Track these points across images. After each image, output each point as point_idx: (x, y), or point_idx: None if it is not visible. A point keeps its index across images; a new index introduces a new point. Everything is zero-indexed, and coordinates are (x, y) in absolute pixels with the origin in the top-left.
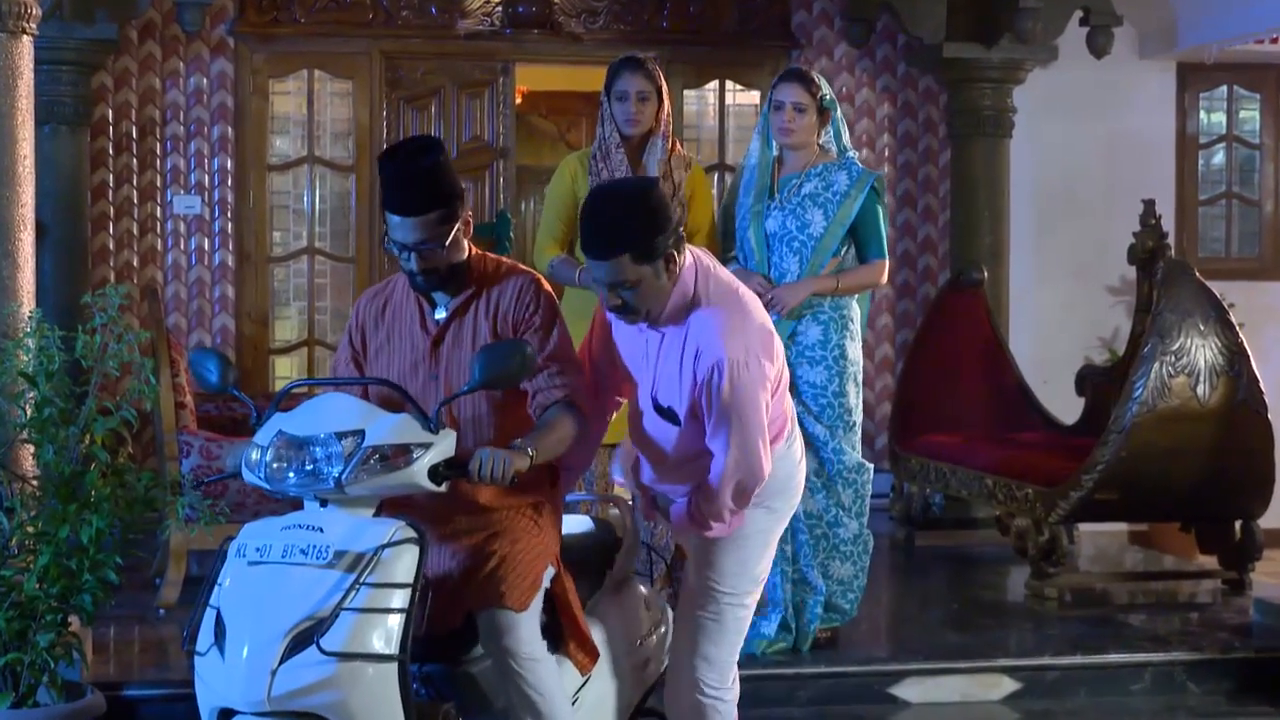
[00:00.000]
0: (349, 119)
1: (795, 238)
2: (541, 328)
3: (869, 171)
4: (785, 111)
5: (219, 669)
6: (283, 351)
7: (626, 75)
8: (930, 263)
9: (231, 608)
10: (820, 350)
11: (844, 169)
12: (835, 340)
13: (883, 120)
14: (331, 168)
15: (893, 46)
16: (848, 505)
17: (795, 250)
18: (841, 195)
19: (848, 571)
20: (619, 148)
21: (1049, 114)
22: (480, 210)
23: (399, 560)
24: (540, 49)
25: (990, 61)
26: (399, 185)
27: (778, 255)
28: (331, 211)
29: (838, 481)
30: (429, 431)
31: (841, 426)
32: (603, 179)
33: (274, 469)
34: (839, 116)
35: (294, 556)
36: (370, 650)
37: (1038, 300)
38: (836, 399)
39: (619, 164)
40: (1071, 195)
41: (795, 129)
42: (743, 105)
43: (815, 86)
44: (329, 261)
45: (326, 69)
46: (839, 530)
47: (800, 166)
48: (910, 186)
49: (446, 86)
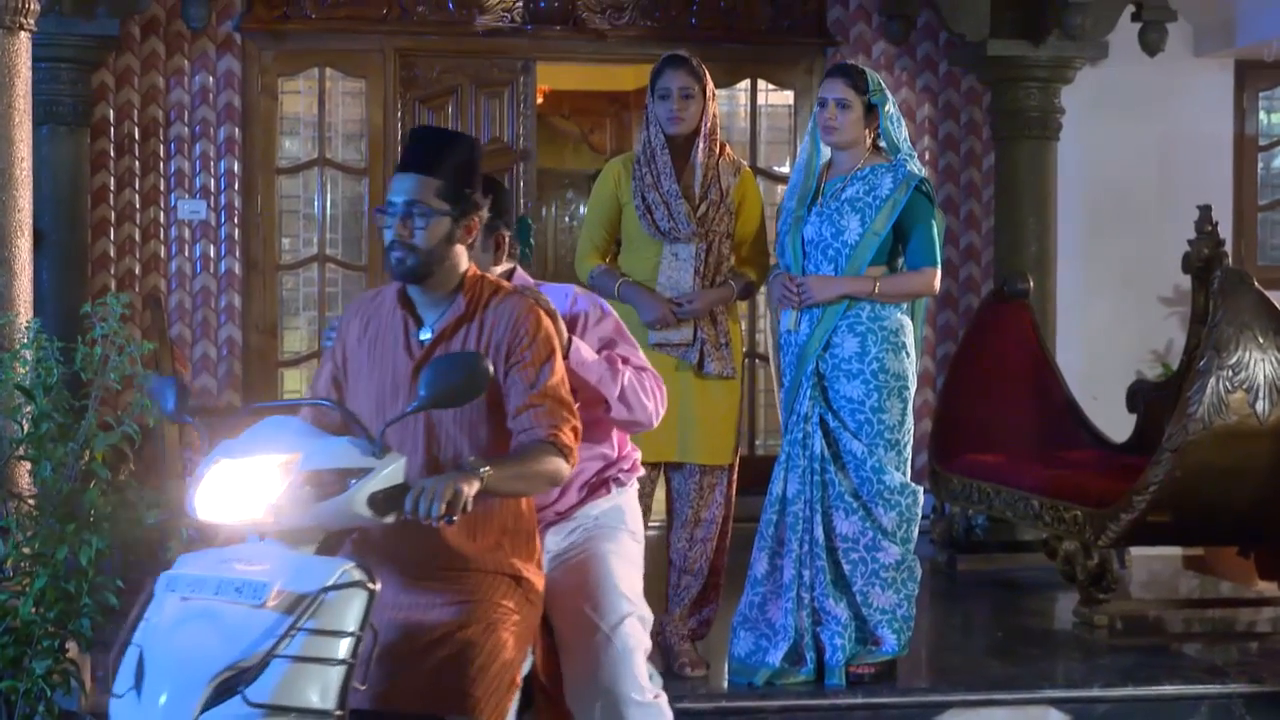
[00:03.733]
0: (361, 120)
1: (830, 245)
2: (532, 363)
3: (914, 174)
4: (828, 109)
5: (135, 714)
6: (292, 364)
7: (669, 72)
8: (973, 272)
9: (154, 647)
10: (856, 363)
11: (891, 171)
12: (874, 353)
13: (923, 122)
14: (343, 171)
15: (934, 44)
16: (889, 529)
17: (830, 259)
18: (882, 200)
19: (889, 600)
20: (664, 149)
21: (1099, 115)
22: None
23: (345, 605)
24: (562, 47)
25: (1037, 59)
26: (413, 140)
27: (813, 264)
28: (343, 217)
29: (877, 503)
30: (373, 456)
31: (882, 445)
32: (647, 183)
33: None
34: (890, 114)
35: (227, 594)
36: (304, 704)
37: (1086, 311)
38: (875, 415)
39: (664, 167)
40: (1123, 200)
41: (837, 126)
42: (775, 106)
43: (861, 81)
44: (340, 270)
45: (338, 67)
46: (879, 555)
47: (848, 169)
48: (952, 191)
49: (464, 86)
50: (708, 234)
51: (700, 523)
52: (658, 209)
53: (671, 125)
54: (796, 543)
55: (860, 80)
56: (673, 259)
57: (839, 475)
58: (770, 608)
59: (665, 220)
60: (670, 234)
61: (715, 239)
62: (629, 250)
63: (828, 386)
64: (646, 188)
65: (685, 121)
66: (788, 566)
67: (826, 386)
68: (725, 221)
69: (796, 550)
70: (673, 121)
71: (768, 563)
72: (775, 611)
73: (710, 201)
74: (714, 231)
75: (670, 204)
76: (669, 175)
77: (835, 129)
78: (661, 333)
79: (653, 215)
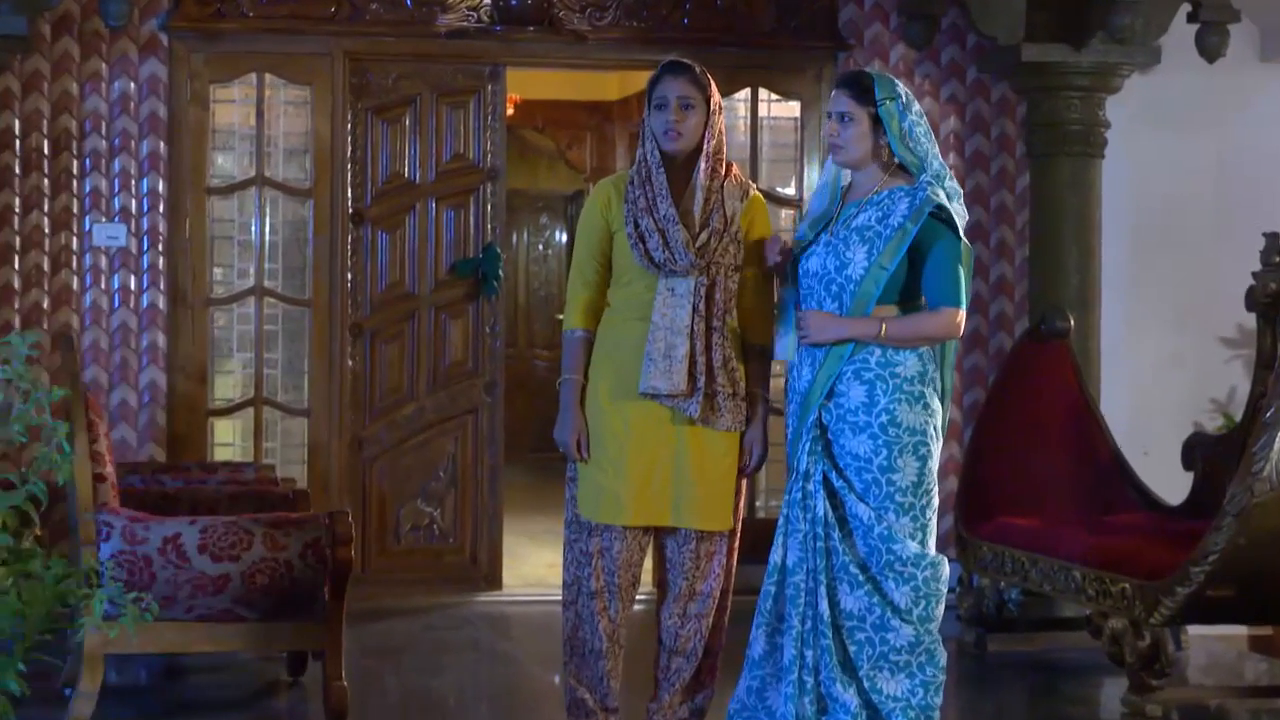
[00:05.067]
0: (306, 133)
1: (833, 279)
2: None
3: (930, 199)
4: (830, 123)
5: None
6: (224, 413)
7: (667, 79)
8: (1005, 308)
9: None
10: (864, 415)
11: (909, 196)
12: (883, 403)
13: (948, 137)
14: (285, 191)
15: (960, 48)
16: (901, 606)
17: (833, 295)
18: (893, 229)
19: (901, 687)
20: (660, 168)
21: (1150, 129)
22: (463, 244)
23: None
24: (536, 50)
25: (1079, 66)
26: None
27: (814, 299)
28: (284, 244)
29: (887, 576)
30: None
31: (893, 509)
32: (640, 208)
33: None
34: (904, 126)
35: None
36: None
37: (1136, 353)
38: (884, 474)
39: (660, 188)
40: (1177, 227)
41: (840, 144)
42: (779, 118)
43: (866, 89)
44: (281, 305)
45: (280, 73)
46: (888, 635)
47: (865, 192)
48: (981, 216)
49: (424, 94)
50: (709, 266)
51: (695, 596)
52: (651, 237)
53: (668, 140)
54: (797, 619)
55: (865, 89)
56: (669, 294)
57: (844, 543)
58: (770, 694)
59: (660, 250)
60: (665, 266)
61: (719, 272)
62: (620, 283)
63: (832, 440)
64: (640, 212)
65: (684, 136)
66: (788, 646)
67: (831, 440)
68: (731, 252)
69: (798, 628)
70: (670, 136)
71: (766, 642)
72: (775, 698)
73: (712, 229)
74: (717, 264)
75: (666, 231)
76: (665, 198)
77: (839, 147)
78: (653, 382)
79: (646, 244)
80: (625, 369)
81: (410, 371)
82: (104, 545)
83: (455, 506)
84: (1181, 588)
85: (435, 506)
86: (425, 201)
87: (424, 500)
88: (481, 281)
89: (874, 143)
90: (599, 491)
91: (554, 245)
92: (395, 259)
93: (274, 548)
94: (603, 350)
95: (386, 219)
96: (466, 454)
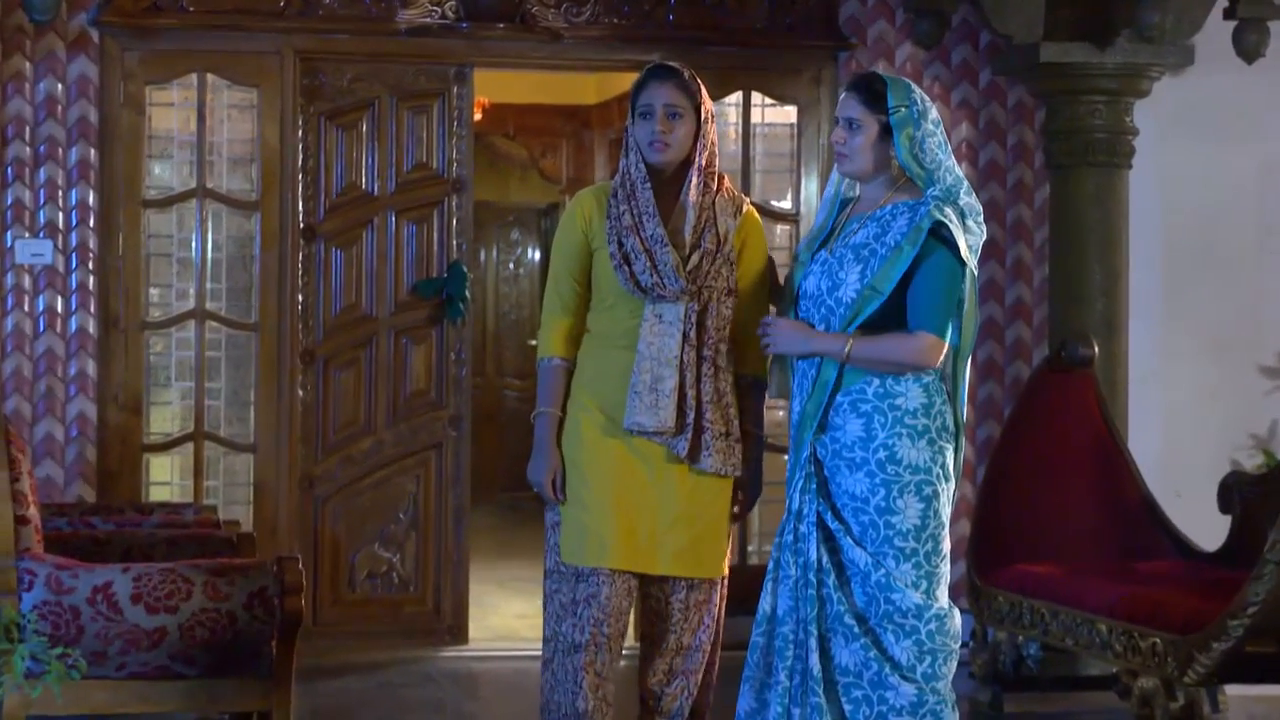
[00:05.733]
0: (252, 139)
1: (824, 300)
2: None
3: (932, 214)
4: (837, 130)
5: None
6: (161, 448)
7: (653, 85)
8: (1022, 334)
9: None
10: (860, 450)
11: (910, 211)
12: (881, 438)
13: (960, 145)
14: (229, 204)
15: (973, 47)
16: (903, 662)
17: (823, 317)
18: (889, 248)
19: None
20: (645, 183)
21: (1182, 136)
22: (426, 262)
23: None
24: (506, 49)
25: (1103, 67)
26: None
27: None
28: (228, 262)
29: (886, 629)
30: None
31: (892, 554)
32: (625, 225)
33: None
34: (915, 137)
35: None
36: None
37: (1167, 384)
38: (882, 516)
39: (646, 205)
40: (1213, 244)
41: (845, 152)
42: (774, 125)
43: (879, 95)
44: (224, 329)
45: (223, 73)
46: (887, 694)
47: (869, 206)
48: (996, 233)
49: (383, 97)
50: (701, 291)
51: (683, 651)
52: (638, 259)
53: (654, 152)
54: (784, 674)
55: (877, 94)
56: (656, 321)
57: (840, 591)
58: None
59: (647, 274)
60: (654, 291)
61: (711, 297)
62: (601, 308)
63: (828, 478)
64: (624, 231)
65: (671, 148)
66: (774, 703)
67: (826, 478)
68: (724, 275)
69: (785, 683)
70: (656, 147)
71: (754, 698)
72: None
73: (704, 250)
74: (709, 288)
75: (654, 253)
76: (652, 216)
77: (844, 155)
78: (639, 418)
79: (631, 267)
80: (608, 402)
81: (367, 403)
82: (26, 595)
83: (416, 552)
84: (1218, 643)
85: (394, 552)
86: (384, 215)
87: (382, 545)
88: (446, 303)
89: (883, 153)
90: (582, 532)
91: (526, 263)
92: (351, 278)
93: (216, 597)
94: (583, 380)
95: (341, 235)
96: (429, 494)
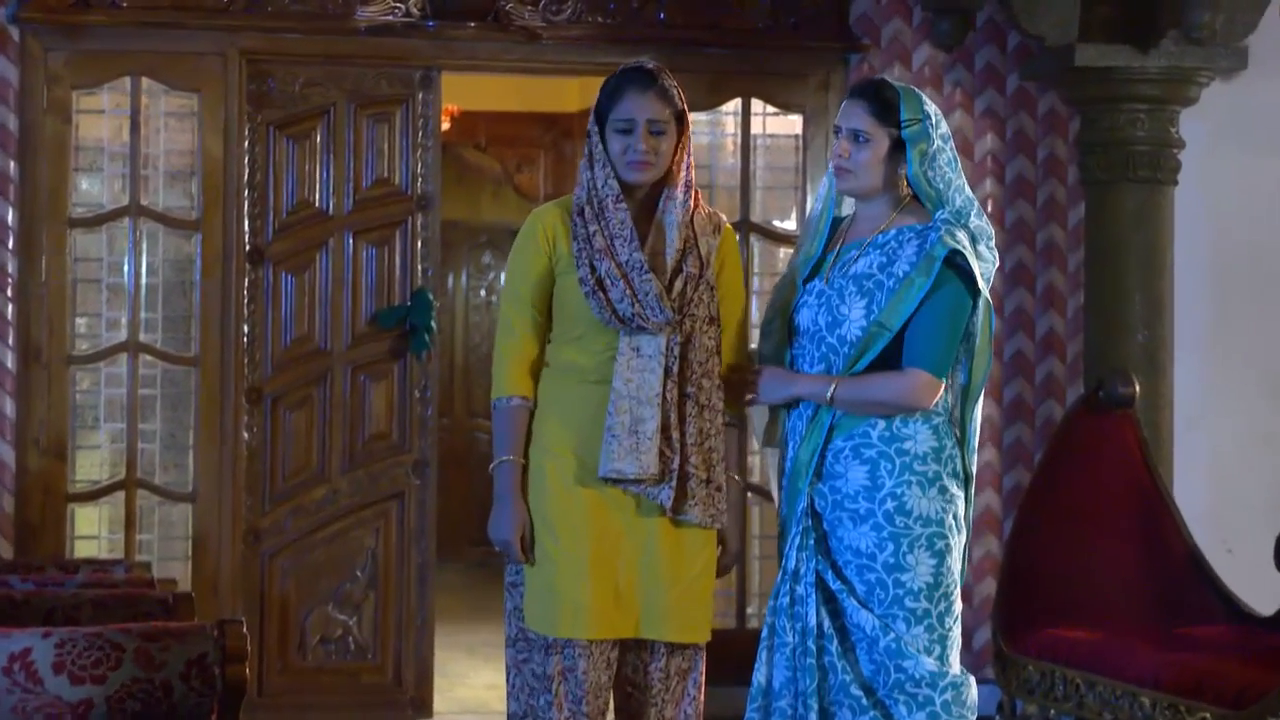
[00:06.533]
0: (193, 151)
1: (825, 338)
2: None
3: (944, 240)
4: (840, 142)
5: None
6: (88, 498)
7: (634, 96)
8: (1055, 370)
9: None
10: (865, 500)
11: (920, 237)
12: (889, 487)
13: (983, 159)
14: (166, 223)
15: (1000, 49)
16: None
17: (822, 356)
18: (898, 280)
19: None
20: (619, 202)
21: (1234, 149)
22: (388, 288)
23: None
24: (478, 51)
25: (1146, 71)
26: None
27: (805, 360)
28: (165, 288)
29: (897, 701)
30: None
31: (903, 616)
32: (597, 248)
33: None
34: (928, 153)
35: None
36: None
37: (1217, 427)
38: (891, 574)
39: (620, 226)
40: (1269, 270)
41: (850, 169)
42: (776, 136)
43: (891, 106)
44: (160, 363)
45: (160, 77)
46: None
47: (870, 230)
48: (1024, 256)
49: (339, 104)
50: (683, 321)
51: None
52: (614, 286)
53: (635, 171)
54: None
55: (888, 104)
56: (634, 355)
57: (844, 659)
58: None
59: (626, 303)
60: (634, 321)
61: (694, 327)
62: (565, 339)
63: (828, 533)
64: (596, 254)
65: (655, 167)
66: None
67: (826, 533)
68: (706, 302)
69: None
70: (638, 167)
71: None
72: None
73: (688, 275)
74: (692, 316)
75: (633, 281)
76: (628, 239)
77: (848, 171)
78: (617, 464)
79: (607, 294)
80: (578, 446)
81: (321, 446)
82: None
83: (375, 614)
84: (1275, 716)
85: (351, 614)
86: (340, 236)
87: (337, 606)
88: (410, 335)
89: (891, 170)
90: (554, 597)
91: (499, 290)
92: (303, 307)
93: (149, 666)
94: (546, 422)
95: (292, 258)
96: (390, 549)
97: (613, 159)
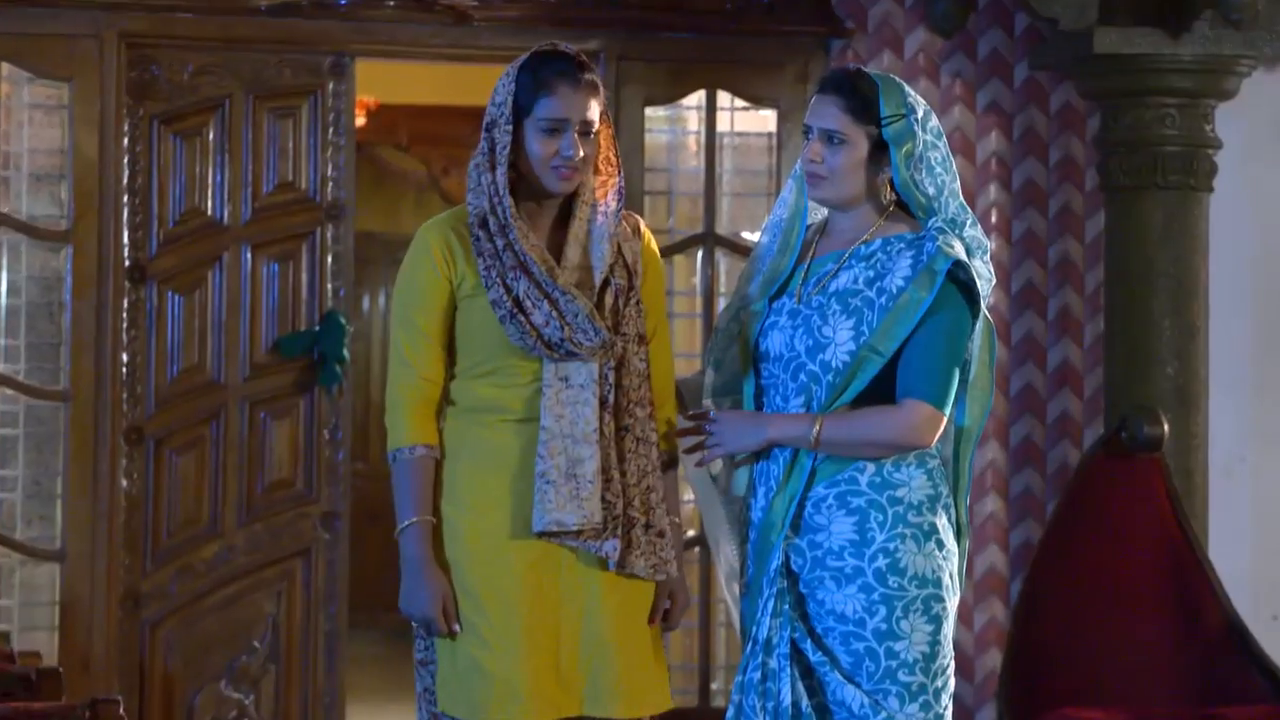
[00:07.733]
0: (62, 150)
1: (805, 365)
2: None
3: (944, 251)
4: (811, 144)
5: None
6: None
7: (564, 91)
8: (1070, 407)
9: None
10: (852, 558)
11: (914, 248)
12: (880, 541)
13: (986, 162)
14: (30, 234)
15: (1007, 34)
16: None
17: (802, 386)
18: (891, 296)
19: None
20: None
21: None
22: (292, 311)
23: None
24: (399, 35)
25: (1177, 60)
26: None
27: (777, 393)
28: (29, 310)
29: None
30: None
31: (895, 692)
32: (508, 265)
33: None
34: (916, 155)
35: None
36: None
37: (1260, 474)
38: (883, 643)
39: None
40: None
41: (824, 174)
42: (747, 134)
43: (869, 101)
44: (23, 398)
45: (24, 62)
46: None
47: (847, 241)
48: (1034, 274)
49: (235, 96)
50: (615, 342)
51: None
52: (537, 308)
53: (560, 180)
54: None
55: (865, 99)
56: (562, 386)
57: None
58: None
59: (553, 327)
60: (563, 347)
61: (626, 347)
62: (474, 374)
63: (806, 595)
64: (508, 272)
65: (581, 173)
66: None
67: (804, 595)
68: (635, 319)
69: None
70: (565, 173)
71: None
72: None
73: (617, 288)
74: (624, 335)
75: (557, 300)
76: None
77: (820, 177)
78: (556, 515)
79: (528, 317)
80: (501, 497)
81: (213, 496)
82: None
83: (276, 691)
84: None
85: (247, 691)
86: (237, 250)
87: (231, 683)
88: (318, 365)
89: (872, 175)
90: (481, 679)
91: None
92: (193, 333)
93: None
94: (464, 472)
95: (180, 275)
96: (294, 615)
97: (533, 162)
